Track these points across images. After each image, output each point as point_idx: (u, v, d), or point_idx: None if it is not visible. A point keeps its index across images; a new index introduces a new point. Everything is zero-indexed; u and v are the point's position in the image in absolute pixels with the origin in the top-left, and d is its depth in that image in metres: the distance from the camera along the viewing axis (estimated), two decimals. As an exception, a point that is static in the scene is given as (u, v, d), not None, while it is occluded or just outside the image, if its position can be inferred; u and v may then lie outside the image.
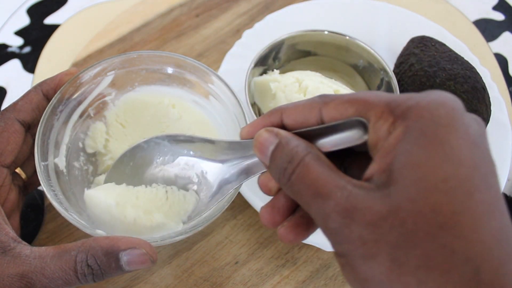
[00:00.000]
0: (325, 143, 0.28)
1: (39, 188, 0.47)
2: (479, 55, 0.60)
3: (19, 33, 0.63)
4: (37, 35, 0.63)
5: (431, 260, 0.22)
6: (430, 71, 0.50)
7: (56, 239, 0.48)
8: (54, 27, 0.64)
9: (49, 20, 0.65)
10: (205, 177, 0.39)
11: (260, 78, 0.51)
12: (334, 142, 0.28)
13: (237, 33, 0.62)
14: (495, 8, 0.67)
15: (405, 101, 0.25)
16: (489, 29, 0.65)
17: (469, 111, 0.47)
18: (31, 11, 0.65)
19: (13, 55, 0.61)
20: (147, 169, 0.41)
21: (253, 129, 0.32)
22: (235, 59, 0.56)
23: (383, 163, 0.25)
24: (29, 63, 0.61)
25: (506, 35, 0.64)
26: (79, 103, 0.44)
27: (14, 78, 0.60)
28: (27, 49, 0.62)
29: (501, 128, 0.52)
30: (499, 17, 0.66)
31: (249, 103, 0.49)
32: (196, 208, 0.40)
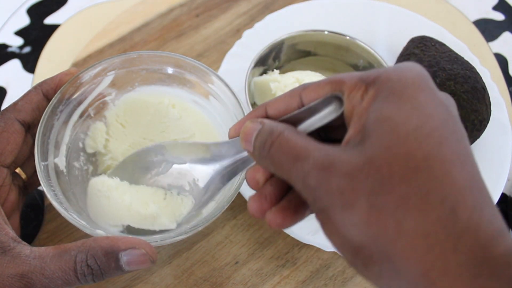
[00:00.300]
0: (305, 125, 0.29)
1: (39, 188, 0.47)
2: (479, 55, 0.60)
3: (19, 33, 0.63)
4: (37, 35, 0.63)
5: (407, 202, 0.23)
6: (430, 71, 0.50)
7: (56, 239, 0.48)
8: (54, 27, 0.64)
9: (49, 20, 0.65)
10: (197, 184, 0.40)
11: (260, 78, 0.51)
12: (314, 121, 0.29)
13: (237, 33, 0.62)
14: (495, 8, 0.67)
15: (376, 71, 0.27)
16: (489, 29, 0.65)
17: (469, 111, 0.48)
18: (31, 11, 0.65)
19: (13, 55, 0.61)
20: (148, 173, 0.42)
21: (240, 125, 0.32)
22: (235, 59, 0.56)
23: (358, 125, 0.26)
24: (29, 63, 0.61)
25: (506, 35, 0.64)
26: (79, 103, 0.44)
27: (14, 78, 0.60)
28: (27, 49, 0.62)
29: (501, 128, 0.52)
30: (499, 17, 0.66)
31: (249, 103, 0.49)
32: (190, 212, 0.41)
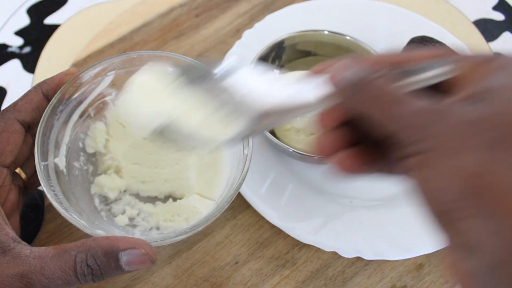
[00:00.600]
0: (413, 79, 0.27)
1: (39, 188, 0.47)
2: (479, 55, 0.60)
3: (19, 33, 0.63)
4: (37, 35, 0.63)
5: None
6: (430, 71, 0.50)
7: (56, 239, 0.48)
8: (54, 27, 0.64)
9: (49, 20, 0.65)
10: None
11: (260, 78, 0.51)
12: (424, 78, 0.27)
13: (237, 33, 0.62)
14: (495, 8, 0.67)
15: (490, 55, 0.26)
16: (489, 29, 0.65)
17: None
18: (31, 11, 0.65)
19: (13, 55, 0.61)
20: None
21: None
22: (235, 59, 0.56)
23: (476, 87, 0.24)
24: (29, 63, 0.61)
25: (506, 35, 0.64)
26: (79, 103, 0.44)
27: (14, 78, 0.60)
28: (27, 49, 0.62)
29: (501, 128, 0.52)
30: (499, 17, 0.66)
31: (249, 103, 0.48)
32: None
